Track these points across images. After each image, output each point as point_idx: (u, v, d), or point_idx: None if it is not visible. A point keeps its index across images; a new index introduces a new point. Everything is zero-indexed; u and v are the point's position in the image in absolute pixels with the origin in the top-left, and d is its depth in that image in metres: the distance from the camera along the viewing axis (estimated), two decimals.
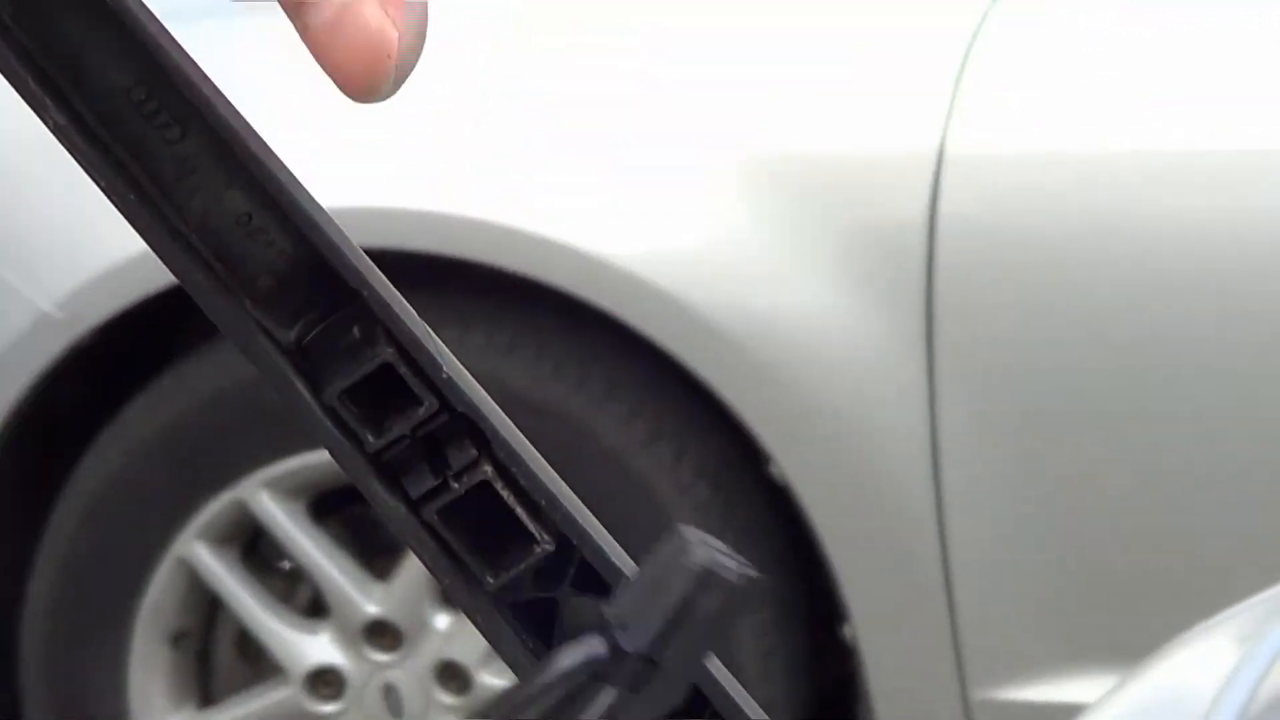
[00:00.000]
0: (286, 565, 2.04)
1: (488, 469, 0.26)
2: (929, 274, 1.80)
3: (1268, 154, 1.85)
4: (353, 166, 1.90)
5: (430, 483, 0.26)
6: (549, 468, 0.27)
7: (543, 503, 0.26)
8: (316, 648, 2.01)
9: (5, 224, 2.03)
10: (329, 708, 1.93)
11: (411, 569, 1.97)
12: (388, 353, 0.26)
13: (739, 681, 0.38)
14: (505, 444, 0.26)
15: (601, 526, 0.29)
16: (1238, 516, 1.87)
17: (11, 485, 2.02)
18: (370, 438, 0.26)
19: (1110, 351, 1.87)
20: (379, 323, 0.26)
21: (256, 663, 1.98)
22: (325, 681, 2.02)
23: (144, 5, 0.26)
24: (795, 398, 1.89)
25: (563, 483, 0.27)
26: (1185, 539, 1.89)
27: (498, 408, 0.27)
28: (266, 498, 1.96)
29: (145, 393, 2.04)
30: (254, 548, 2.07)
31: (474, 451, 0.26)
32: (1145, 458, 1.88)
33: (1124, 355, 1.86)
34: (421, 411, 0.26)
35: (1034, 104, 1.87)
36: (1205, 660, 1.10)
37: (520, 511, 0.26)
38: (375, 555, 2.06)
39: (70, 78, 0.26)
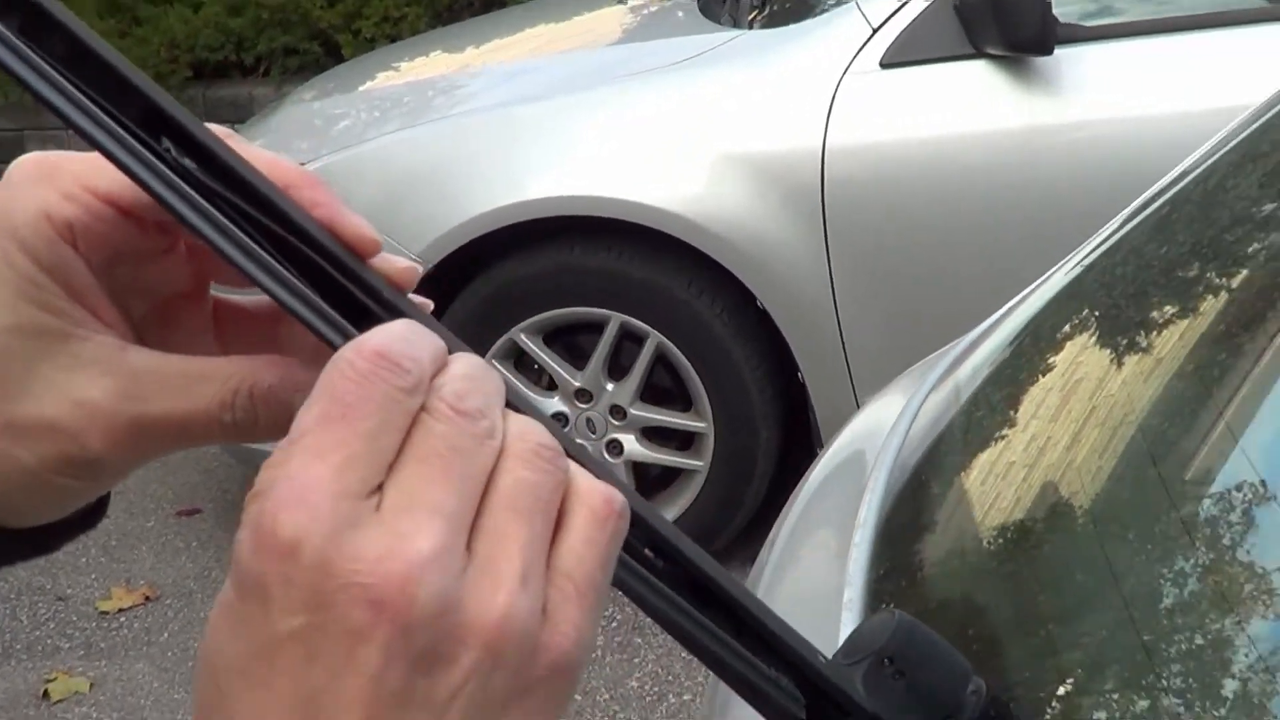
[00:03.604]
0: (536, 366, 2.90)
1: None
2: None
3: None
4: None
5: None
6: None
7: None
8: (552, 404, 2.88)
9: None
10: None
11: (595, 364, 2.85)
12: None
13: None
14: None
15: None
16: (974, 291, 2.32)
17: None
18: None
19: (909, 234, 2.78)
20: None
21: None
22: (557, 420, 2.67)
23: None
24: (767, 266, 2.81)
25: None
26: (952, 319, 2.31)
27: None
28: (525, 336, 2.90)
29: (480, 278, 2.87)
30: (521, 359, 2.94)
31: None
32: (932, 276, 2.75)
33: (922, 231, 2.75)
34: None
35: None
36: (896, 396, 1.37)
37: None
38: (575, 359, 2.93)
39: None
